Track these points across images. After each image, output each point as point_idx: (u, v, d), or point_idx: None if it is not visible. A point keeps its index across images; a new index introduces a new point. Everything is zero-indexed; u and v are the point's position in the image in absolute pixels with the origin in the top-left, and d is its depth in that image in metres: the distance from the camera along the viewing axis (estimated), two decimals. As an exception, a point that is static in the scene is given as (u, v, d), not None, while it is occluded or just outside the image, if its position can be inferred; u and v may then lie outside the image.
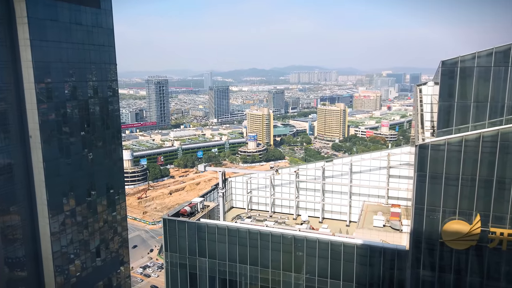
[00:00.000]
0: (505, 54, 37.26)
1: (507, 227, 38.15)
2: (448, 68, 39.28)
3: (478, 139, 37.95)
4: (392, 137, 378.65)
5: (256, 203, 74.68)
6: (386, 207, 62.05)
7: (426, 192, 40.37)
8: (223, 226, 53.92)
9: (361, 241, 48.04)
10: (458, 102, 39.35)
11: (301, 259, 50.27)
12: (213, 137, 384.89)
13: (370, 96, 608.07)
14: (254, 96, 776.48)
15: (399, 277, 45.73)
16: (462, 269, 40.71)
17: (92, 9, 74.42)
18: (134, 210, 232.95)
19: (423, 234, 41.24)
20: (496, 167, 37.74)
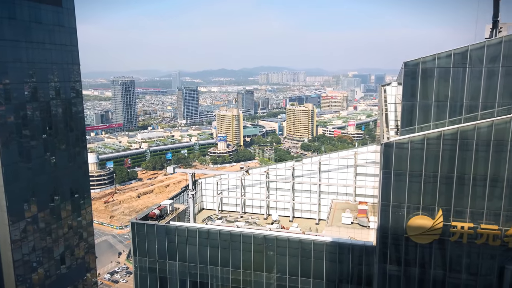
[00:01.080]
0: (463, 56, 39.09)
1: (467, 221, 40.04)
2: (410, 69, 40.75)
3: (439, 137, 39.62)
4: (358, 136, 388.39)
5: (227, 204, 74.44)
6: (354, 205, 63.52)
7: (391, 189, 41.68)
8: (194, 228, 53.36)
9: (330, 238, 48.94)
10: (420, 101, 40.90)
11: (272, 258, 50.56)
12: (182, 139, 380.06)
13: (337, 96, 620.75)
14: (224, 97, 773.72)
15: (367, 273, 46.96)
16: (426, 262, 42.34)
17: (53, 8, 71.60)
18: (101, 214, 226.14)
19: (389, 230, 42.55)
20: (456, 164, 39.54)
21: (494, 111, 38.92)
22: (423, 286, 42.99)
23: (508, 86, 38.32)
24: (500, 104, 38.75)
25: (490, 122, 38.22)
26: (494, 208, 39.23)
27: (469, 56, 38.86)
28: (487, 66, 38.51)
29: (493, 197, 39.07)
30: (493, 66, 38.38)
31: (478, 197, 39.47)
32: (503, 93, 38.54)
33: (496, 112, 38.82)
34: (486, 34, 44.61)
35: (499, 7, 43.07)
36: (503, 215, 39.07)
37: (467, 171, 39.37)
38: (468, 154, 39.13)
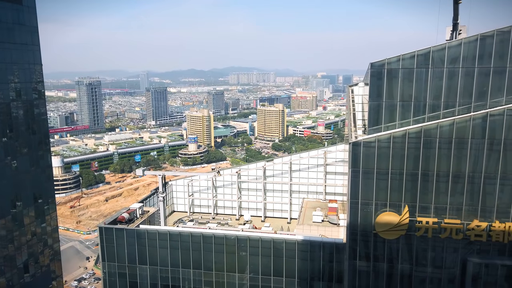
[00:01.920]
0: (425, 57, 40.64)
1: (432, 216, 41.65)
2: (376, 69, 41.91)
3: (404, 136, 40.97)
4: (328, 136, 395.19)
5: (198, 206, 73.75)
6: (324, 203, 64.58)
7: (359, 187, 42.70)
8: (164, 231, 52.51)
9: (302, 237, 49.50)
10: (386, 101, 42.15)
11: (244, 259, 50.54)
12: (151, 140, 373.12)
13: (306, 96, 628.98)
14: (194, 98, 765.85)
15: (338, 269, 47.85)
16: (394, 257, 43.66)
17: (13, 5, 68.36)
18: (67, 220, 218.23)
19: (358, 226, 43.57)
20: (421, 161, 41.03)
21: (455, 110, 40.71)
22: (391, 280, 44.31)
23: (468, 86, 40.18)
24: (461, 103, 40.58)
25: (451, 121, 39.91)
26: (457, 203, 41.00)
27: (431, 57, 40.44)
28: (448, 67, 40.23)
29: (455, 193, 40.83)
30: (453, 67, 40.13)
31: (442, 193, 41.12)
32: (463, 92, 40.38)
33: (457, 111, 40.61)
34: (447, 36, 46.55)
35: (458, 10, 45.09)
36: (465, 210, 40.91)
37: (431, 168, 40.94)
38: (431, 151, 40.69)
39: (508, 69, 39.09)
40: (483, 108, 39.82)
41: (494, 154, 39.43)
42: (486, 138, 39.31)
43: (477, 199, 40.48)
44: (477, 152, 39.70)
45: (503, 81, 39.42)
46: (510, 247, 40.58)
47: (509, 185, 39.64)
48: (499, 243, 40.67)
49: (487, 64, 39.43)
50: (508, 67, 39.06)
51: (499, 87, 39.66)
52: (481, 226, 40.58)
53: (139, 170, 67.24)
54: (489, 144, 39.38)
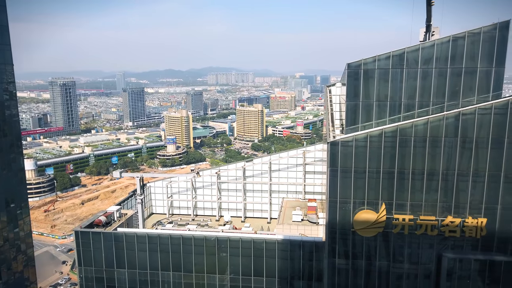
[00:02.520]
0: (400, 58, 41.56)
1: (408, 213, 42.60)
2: (353, 70, 42.56)
3: (381, 135, 41.76)
4: (306, 136, 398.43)
5: (178, 207, 73.00)
6: (303, 202, 65.09)
7: (338, 186, 43.24)
8: (143, 234, 51.71)
9: (282, 236, 49.72)
10: (363, 101, 42.87)
11: (225, 259, 50.35)
12: (129, 141, 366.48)
13: (285, 97, 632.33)
14: (172, 98, 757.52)
15: (318, 268, 48.33)
16: (372, 254, 44.42)
17: (-19, 2, 65.82)
18: (41, 224, 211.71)
19: (337, 225, 44.11)
20: (397, 160, 41.92)
21: (429, 110, 41.80)
22: (369, 277, 45.07)
23: (441, 86, 41.34)
24: (434, 102, 41.70)
25: (425, 120, 40.94)
26: (431, 200, 42.10)
27: (406, 58, 41.39)
28: (422, 67, 41.27)
29: (430, 190, 41.91)
30: (427, 67, 41.20)
31: (417, 191, 42.13)
32: (437, 92, 41.51)
33: (431, 111, 41.72)
34: (421, 37, 47.73)
35: (431, 12, 46.30)
36: (439, 206, 42.06)
37: (407, 166, 41.89)
38: (407, 150, 41.64)
39: (479, 70, 40.44)
40: (455, 107, 41.03)
41: (467, 152, 40.70)
42: (458, 137, 40.53)
43: (451, 196, 41.68)
44: (450, 150, 40.88)
45: (474, 81, 40.74)
46: (483, 242, 41.98)
47: (481, 182, 41.00)
48: (472, 238, 42.00)
49: (459, 64, 40.67)
50: (478, 68, 40.40)
51: (471, 87, 40.97)
52: (455, 222, 41.81)
53: (116, 172, 65.92)
54: (462, 142, 40.62)
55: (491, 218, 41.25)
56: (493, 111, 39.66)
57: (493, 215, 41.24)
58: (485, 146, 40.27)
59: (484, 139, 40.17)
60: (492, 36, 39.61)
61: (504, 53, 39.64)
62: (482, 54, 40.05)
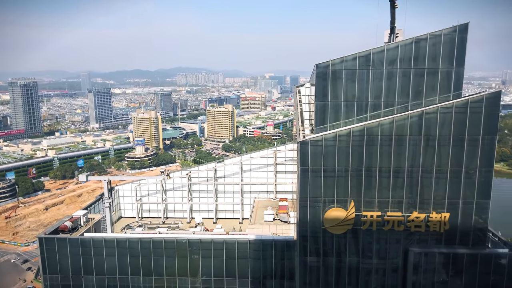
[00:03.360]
0: (366, 59, 42.64)
1: (376, 210, 43.77)
2: (321, 70, 43.27)
3: (349, 134, 42.68)
4: (277, 136, 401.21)
5: (147, 210, 71.61)
6: (275, 202, 65.50)
7: (308, 185, 43.81)
8: (111, 238, 50.35)
9: (254, 236, 49.83)
10: (331, 101, 43.67)
11: (196, 262, 49.87)
12: (95, 144, 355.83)
13: (255, 97, 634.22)
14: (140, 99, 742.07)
15: (289, 266, 48.77)
16: (342, 251, 45.30)
17: None
18: (2, 231, 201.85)
19: (308, 223, 44.68)
20: (364, 158, 42.97)
21: (394, 109, 43.13)
22: (340, 274, 45.94)
23: (405, 86, 42.75)
24: (399, 102, 43.07)
25: (391, 119, 42.21)
26: (398, 197, 43.45)
27: (371, 59, 42.52)
28: (387, 68, 42.52)
29: (396, 187, 43.26)
30: (392, 68, 42.50)
31: (384, 188, 43.37)
32: (401, 92, 42.90)
33: (396, 110, 43.06)
34: (385, 39, 49.16)
35: (395, 15, 47.79)
36: (405, 203, 43.48)
37: (374, 164, 43.03)
38: (374, 148, 42.77)
39: (440, 70, 42.13)
40: (419, 106, 42.55)
41: (430, 149, 42.30)
42: (422, 135, 42.06)
43: (416, 192, 43.19)
44: (415, 148, 42.37)
45: (436, 81, 42.41)
46: (446, 236, 43.76)
47: (444, 178, 42.73)
48: (436, 232, 43.70)
49: (422, 65, 42.21)
50: (440, 68, 42.09)
51: (433, 87, 42.61)
52: (420, 217, 43.36)
53: (82, 176, 63.82)
54: (425, 140, 42.18)
55: (453, 212, 43.10)
56: (454, 110, 41.45)
57: (455, 210, 43.10)
58: (447, 144, 42.03)
59: (446, 137, 41.92)
60: (452, 38, 41.39)
61: (463, 54, 41.51)
62: (443, 55, 41.76)
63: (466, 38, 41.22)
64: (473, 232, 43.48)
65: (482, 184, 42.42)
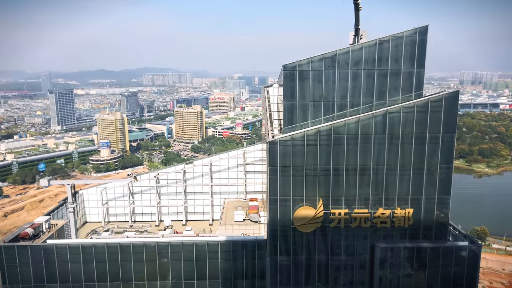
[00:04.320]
0: (332, 60, 43.51)
1: (343, 207, 44.75)
2: (289, 71, 43.75)
3: (317, 134, 43.41)
4: (246, 136, 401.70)
5: (114, 214, 69.67)
6: (245, 202, 65.55)
7: (278, 184, 44.17)
8: (76, 244, 48.60)
9: (224, 237, 49.63)
10: (299, 101, 44.25)
11: (166, 265, 49.04)
12: (57, 147, 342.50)
13: (224, 98, 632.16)
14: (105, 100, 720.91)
15: (260, 266, 48.92)
16: (311, 249, 45.99)
17: None
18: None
19: (278, 222, 45.05)
20: (332, 157, 43.84)
21: (359, 109, 44.28)
22: (309, 272, 46.62)
23: (370, 86, 43.98)
24: (364, 102, 44.26)
25: (357, 119, 43.32)
26: (364, 194, 44.64)
27: (337, 60, 43.45)
28: (352, 69, 43.58)
29: (363, 185, 44.43)
30: (357, 69, 43.61)
31: (351, 186, 44.43)
32: (366, 92, 44.10)
33: (361, 110, 44.22)
34: (350, 40, 50.43)
35: (359, 17, 49.13)
36: (371, 200, 44.74)
37: (341, 163, 43.99)
38: (341, 147, 43.73)
39: (402, 71, 43.67)
40: (383, 106, 43.92)
41: (394, 147, 43.76)
42: (386, 134, 43.44)
43: (381, 189, 44.54)
44: (380, 146, 43.69)
45: (399, 82, 43.92)
46: (410, 231, 45.41)
47: (407, 175, 44.33)
48: (401, 228, 45.24)
49: (385, 66, 43.59)
50: (402, 69, 43.62)
51: (396, 87, 44.10)
52: (385, 214, 44.75)
53: (43, 180, 61.26)
54: (389, 139, 43.59)
55: (416, 208, 44.78)
56: (415, 109, 43.08)
57: (418, 205, 44.81)
58: (410, 142, 43.63)
59: (409, 135, 43.50)
60: (413, 40, 43.01)
61: (424, 56, 43.22)
62: (405, 56, 43.31)
63: (426, 40, 42.96)
64: (435, 226, 45.37)
65: (443, 180, 44.35)
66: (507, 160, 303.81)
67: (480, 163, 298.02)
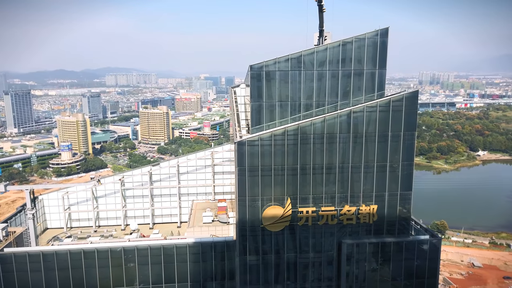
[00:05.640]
0: (298, 60, 44.14)
1: (311, 205, 45.49)
2: (256, 72, 43.96)
3: (284, 134, 43.87)
4: (214, 137, 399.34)
5: (77, 220, 67.17)
6: (213, 203, 65.15)
7: (246, 184, 44.24)
8: (36, 252, 46.47)
9: (193, 239, 49.10)
10: (266, 101, 44.56)
11: (133, 270, 47.87)
12: (14, 151, 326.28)
13: (191, 98, 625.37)
14: (65, 101, 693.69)
15: (230, 267, 48.80)
16: (280, 248, 46.41)
17: None
18: None
19: (247, 222, 45.13)
20: (299, 156, 44.45)
21: (325, 109, 45.18)
22: (279, 270, 47.03)
23: (334, 86, 44.98)
24: (329, 102, 45.22)
25: (322, 118, 44.16)
26: (331, 192, 45.59)
27: (303, 61, 44.13)
28: (317, 70, 44.41)
29: (329, 183, 45.35)
30: (322, 70, 44.47)
31: (318, 184, 45.25)
32: (331, 92, 45.07)
33: (327, 109, 45.14)
34: (315, 41, 51.36)
35: (323, 18, 50.11)
36: (338, 197, 45.76)
37: (308, 162, 44.70)
38: (307, 147, 44.43)
39: (365, 72, 44.98)
40: (347, 106, 45.04)
41: (358, 146, 44.98)
42: (351, 133, 44.58)
43: (347, 186, 45.66)
44: (345, 145, 44.77)
45: (362, 82, 45.20)
46: (375, 227, 46.84)
47: (371, 173, 45.70)
48: (366, 224, 46.58)
49: (349, 67, 44.73)
50: (365, 70, 44.93)
51: (359, 87, 45.36)
52: (351, 211, 45.91)
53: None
54: (354, 138, 44.77)
55: (380, 204, 46.27)
56: (378, 109, 44.50)
57: (382, 202, 46.31)
58: (373, 140, 45.01)
59: (372, 134, 44.87)
60: (375, 42, 44.41)
61: (385, 57, 44.74)
62: (367, 57, 44.64)
63: (387, 41, 44.48)
64: (398, 221, 47.07)
65: (405, 176, 46.08)
66: (463, 156, 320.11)
67: (439, 159, 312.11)
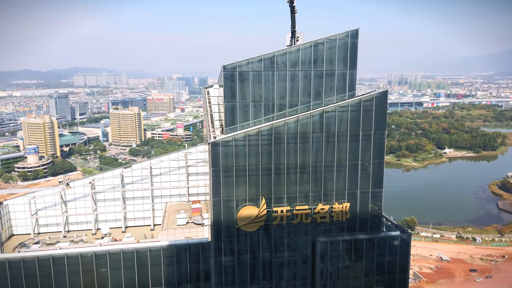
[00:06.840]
0: (271, 61, 44.39)
1: (285, 205, 45.85)
2: (229, 72, 43.87)
3: (258, 134, 44.01)
4: (187, 138, 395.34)
5: (45, 225, 64.78)
6: (187, 205, 64.48)
7: (221, 185, 44.08)
8: (1, 260, 44.58)
9: (167, 242, 48.42)
10: (240, 102, 44.55)
11: (105, 275, 46.72)
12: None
13: (163, 99, 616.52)
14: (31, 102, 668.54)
15: (205, 269, 48.48)
16: (255, 248, 46.52)
17: None
18: None
19: (222, 223, 44.96)
20: (273, 156, 44.71)
21: (298, 109, 45.66)
22: (254, 270, 47.13)
23: (307, 87, 45.54)
24: (302, 102, 45.74)
25: (296, 118, 44.61)
26: (304, 191, 46.13)
27: (276, 61, 44.42)
28: (290, 70, 44.82)
29: (303, 182, 45.87)
30: (294, 70, 44.92)
31: (292, 183, 45.67)
32: (304, 93, 45.60)
33: (300, 109, 45.63)
34: (287, 42, 51.79)
35: (295, 19, 50.61)
36: (311, 196, 46.35)
37: (282, 162, 45.04)
38: (281, 147, 44.77)
39: (336, 72, 45.79)
40: (319, 106, 45.70)
41: (330, 145, 45.74)
42: (323, 132, 45.26)
43: (320, 185, 46.33)
44: (318, 144, 45.41)
45: (334, 82, 45.99)
46: (348, 224, 47.77)
47: (343, 171, 46.57)
48: (339, 221, 47.42)
49: (320, 67, 45.41)
50: (336, 70, 45.73)
51: (331, 88, 46.13)
52: (324, 209, 46.62)
53: (-40, 192, 55.22)
54: (326, 137, 45.49)
55: (353, 202, 47.23)
56: (349, 109, 45.41)
57: (354, 199, 47.29)
58: (345, 140, 45.89)
59: (344, 133, 45.74)
60: (345, 43, 45.29)
61: (355, 57, 45.72)
62: (338, 58, 45.47)
63: (357, 42, 45.46)
64: (370, 218, 48.21)
65: (376, 174, 47.24)
66: (431, 154, 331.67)
67: (408, 157, 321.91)
